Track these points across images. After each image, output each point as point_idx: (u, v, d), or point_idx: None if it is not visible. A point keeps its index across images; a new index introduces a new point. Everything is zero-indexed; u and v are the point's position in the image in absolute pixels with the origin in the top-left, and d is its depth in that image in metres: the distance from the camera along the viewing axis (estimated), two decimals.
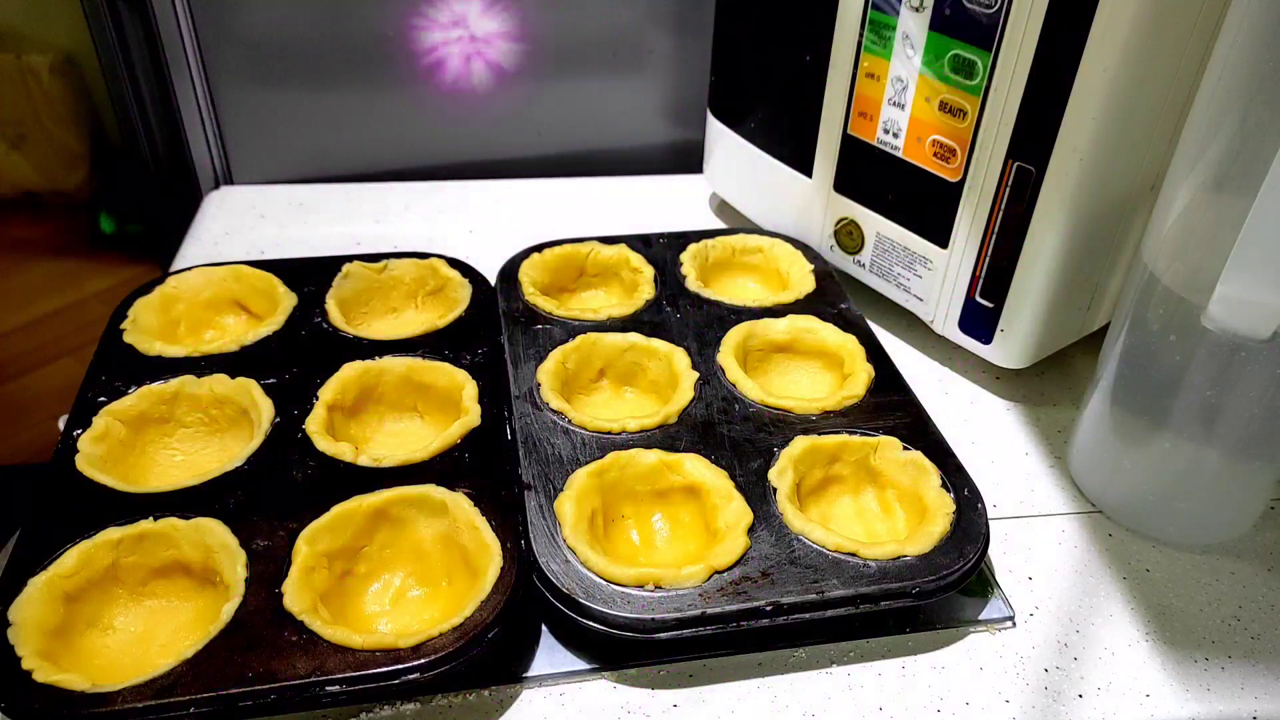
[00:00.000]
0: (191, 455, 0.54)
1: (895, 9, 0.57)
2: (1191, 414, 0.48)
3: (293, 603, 0.43)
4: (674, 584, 0.44)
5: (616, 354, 0.59)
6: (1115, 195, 0.55)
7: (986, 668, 0.47)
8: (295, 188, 0.84)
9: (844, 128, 0.64)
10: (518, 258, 0.67)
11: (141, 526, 0.46)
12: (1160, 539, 0.54)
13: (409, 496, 0.48)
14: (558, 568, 0.45)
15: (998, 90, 0.54)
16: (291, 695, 0.40)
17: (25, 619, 0.42)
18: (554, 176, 0.88)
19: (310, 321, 0.60)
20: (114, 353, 0.57)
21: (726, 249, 0.70)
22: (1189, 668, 0.47)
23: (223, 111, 0.82)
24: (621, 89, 0.87)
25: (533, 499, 0.48)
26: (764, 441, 0.53)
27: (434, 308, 0.65)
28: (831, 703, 0.45)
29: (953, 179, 0.58)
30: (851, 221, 0.67)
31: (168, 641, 0.44)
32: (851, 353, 0.59)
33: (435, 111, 0.85)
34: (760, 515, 0.48)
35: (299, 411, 0.53)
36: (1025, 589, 0.50)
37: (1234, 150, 0.43)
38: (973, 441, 0.60)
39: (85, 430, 0.51)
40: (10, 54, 1.39)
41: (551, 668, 0.45)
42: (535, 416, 0.54)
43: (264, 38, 0.79)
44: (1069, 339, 0.63)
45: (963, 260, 0.60)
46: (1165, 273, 0.47)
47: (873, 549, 0.46)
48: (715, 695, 0.45)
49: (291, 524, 0.46)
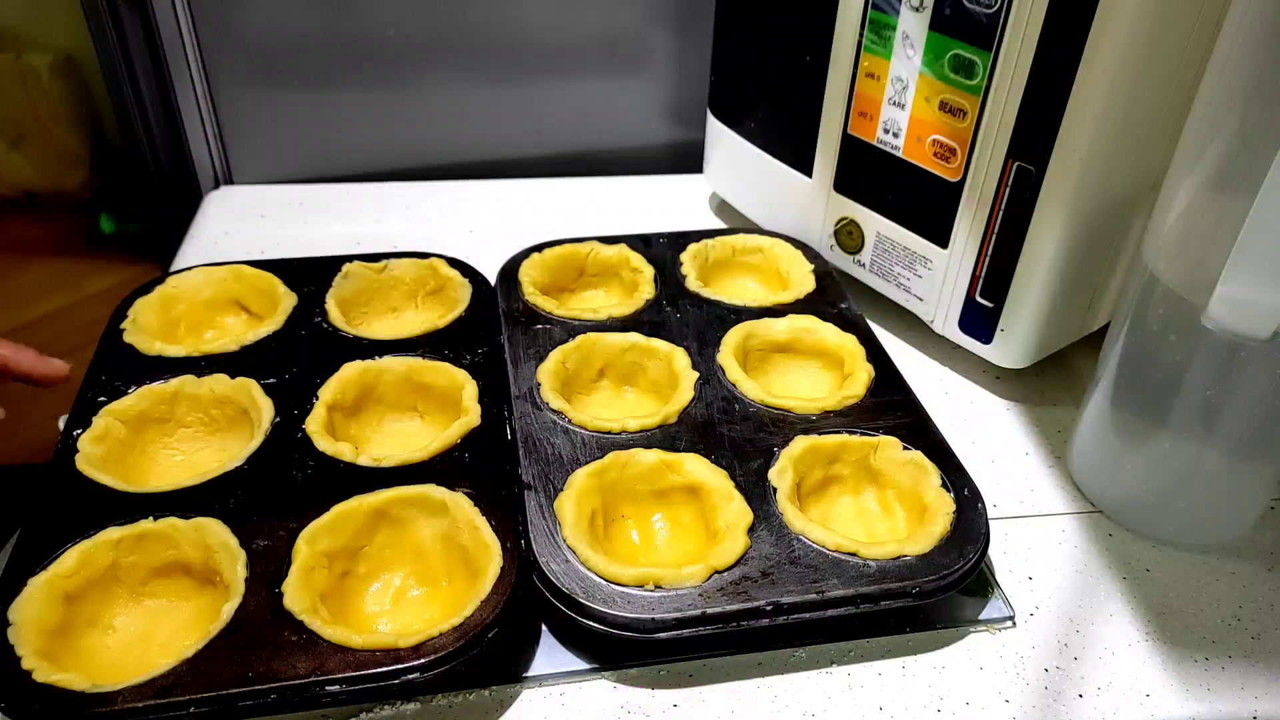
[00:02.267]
0: (191, 455, 0.54)
1: (895, 9, 0.57)
2: (1191, 414, 0.48)
3: (293, 603, 0.43)
4: (674, 584, 0.44)
5: (616, 354, 0.59)
6: (1115, 195, 0.55)
7: (986, 668, 0.47)
8: (295, 188, 0.84)
9: (844, 127, 0.64)
10: (518, 258, 0.67)
11: (141, 526, 0.46)
12: (1160, 539, 0.54)
13: (409, 496, 0.48)
14: (558, 567, 0.45)
15: (998, 90, 0.54)
16: (291, 695, 0.40)
17: (25, 619, 0.42)
18: (554, 176, 0.88)
19: (310, 321, 0.60)
20: (114, 353, 0.57)
21: (726, 249, 0.70)
22: (1189, 667, 0.47)
23: (223, 111, 0.82)
24: (621, 89, 0.87)
25: (533, 499, 0.48)
26: (764, 441, 0.53)
27: (434, 308, 0.65)
28: (831, 703, 0.45)
29: (953, 179, 0.58)
30: (851, 221, 0.67)
31: (168, 641, 0.44)
32: (851, 353, 0.59)
33: (435, 111, 0.85)
34: (760, 515, 0.48)
35: (299, 411, 0.53)
36: (1025, 589, 0.50)
37: (1234, 150, 0.43)
38: (973, 441, 0.60)
39: (85, 430, 0.51)
40: (10, 54, 1.39)
41: (551, 668, 0.45)
42: (535, 416, 0.54)
43: (264, 38, 0.79)
44: (1069, 339, 0.63)
45: (963, 260, 0.60)
46: (1165, 273, 0.47)
47: (873, 549, 0.46)
48: (715, 695, 0.45)
49: (291, 524, 0.46)
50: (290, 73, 0.81)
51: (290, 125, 0.83)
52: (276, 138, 0.84)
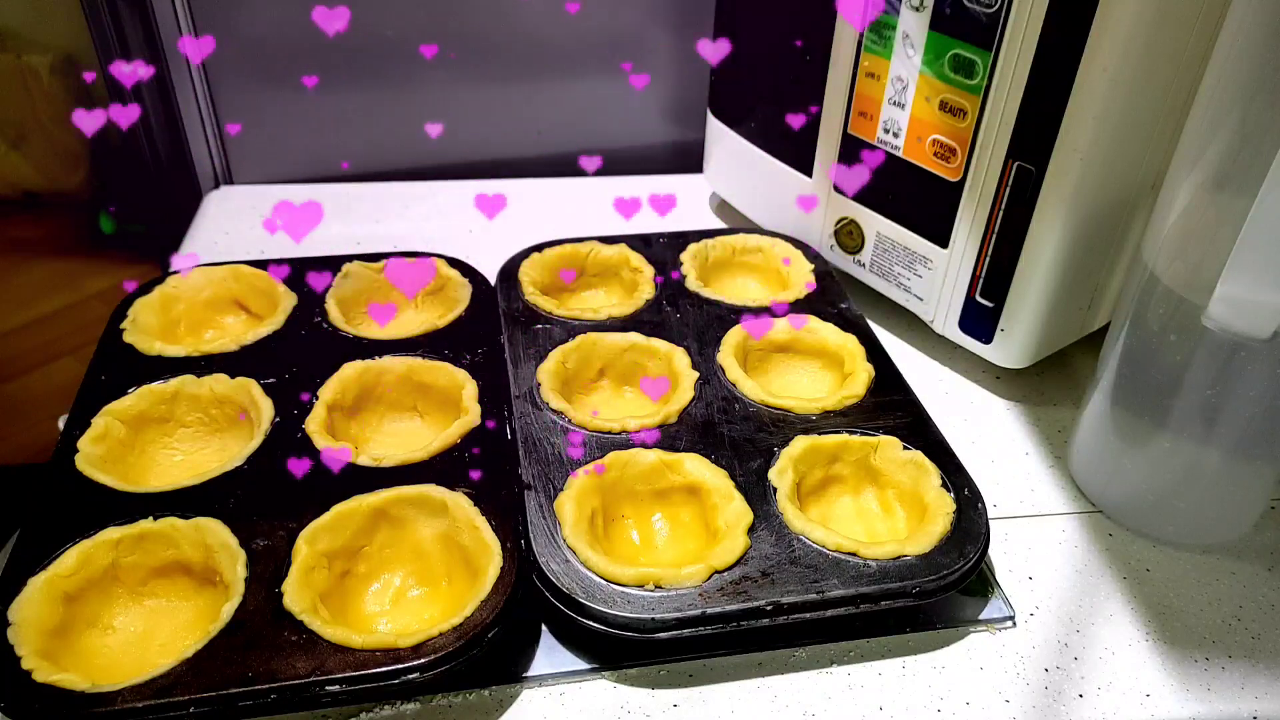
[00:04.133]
0: (191, 455, 0.54)
1: (895, 8, 0.57)
2: (1191, 414, 0.48)
3: (293, 602, 0.43)
4: (674, 584, 0.44)
5: (616, 354, 0.59)
6: (1115, 195, 0.55)
7: (986, 667, 0.46)
8: (295, 188, 0.84)
9: (844, 127, 0.64)
10: (518, 257, 0.67)
11: (141, 526, 0.46)
12: (1160, 539, 0.54)
13: (409, 496, 0.48)
14: (558, 567, 0.45)
15: (998, 90, 0.54)
16: (291, 695, 0.40)
17: (25, 619, 0.41)
18: (554, 176, 0.88)
19: (310, 321, 0.60)
20: (114, 353, 0.57)
21: (726, 249, 0.70)
22: (1189, 667, 0.47)
23: (223, 111, 0.82)
24: (621, 89, 0.87)
25: (533, 499, 0.48)
26: (764, 441, 0.53)
27: (434, 308, 0.65)
28: (831, 703, 0.45)
29: (953, 179, 0.58)
30: (851, 221, 0.67)
31: (168, 641, 0.44)
32: (851, 352, 0.59)
33: (435, 111, 0.85)
34: (760, 515, 0.48)
35: (299, 411, 0.53)
36: (1025, 589, 0.50)
37: (1234, 150, 0.43)
38: (973, 441, 0.60)
39: (85, 430, 0.51)
40: (10, 54, 1.39)
41: (551, 668, 0.45)
42: (535, 416, 0.54)
43: (264, 38, 0.79)
44: (1069, 339, 0.63)
45: (963, 260, 0.60)
46: (1165, 272, 0.47)
47: (873, 549, 0.46)
48: (715, 695, 0.45)
49: (291, 524, 0.46)
50: (290, 73, 0.81)
51: (290, 125, 0.83)
52: (276, 138, 0.84)
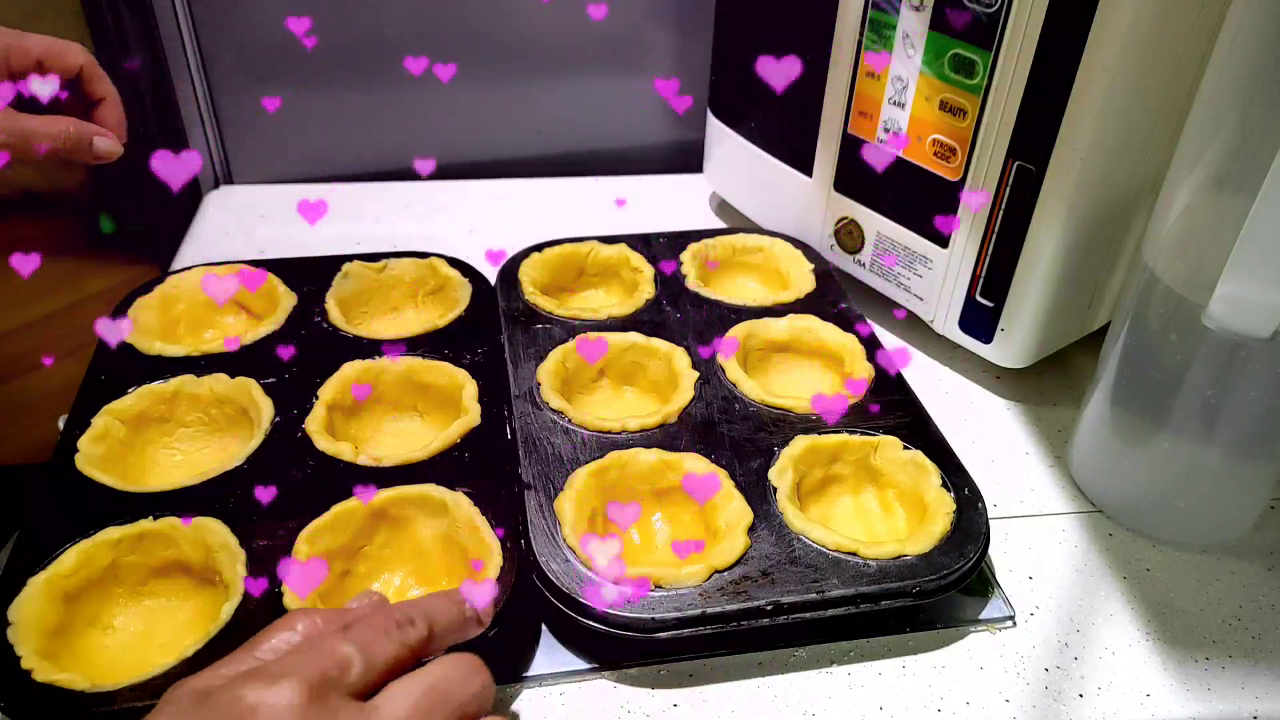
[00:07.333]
0: (191, 455, 0.54)
1: (895, 8, 0.57)
2: (1191, 413, 0.48)
3: (293, 602, 0.43)
4: (674, 583, 0.44)
5: (616, 353, 0.59)
6: (1115, 195, 0.55)
7: (986, 667, 0.46)
8: (295, 188, 0.84)
9: (844, 127, 0.64)
10: (518, 257, 0.67)
11: (141, 526, 0.46)
12: (1160, 539, 0.54)
13: (409, 496, 0.48)
14: (558, 567, 0.45)
15: (998, 90, 0.54)
16: None
17: (25, 619, 0.41)
18: (554, 176, 0.88)
19: (310, 321, 0.60)
20: (114, 353, 0.57)
21: (726, 249, 0.70)
22: (1189, 667, 0.47)
23: (223, 111, 0.82)
24: (621, 89, 0.87)
25: (533, 498, 0.48)
26: (764, 441, 0.53)
27: (434, 307, 0.65)
28: (831, 703, 0.45)
29: (953, 178, 0.58)
30: (852, 221, 0.67)
31: (168, 641, 0.44)
32: (851, 352, 0.59)
33: (435, 112, 0.85)
34: (760, 515, 0.48)
35: (299, 411, 0.53)
36: (1025, 588, 0.50)
37: (1234, 150, 0.43)
38: (973, 441, 0.60)
39: (85, 430, 0.51)
40: None
41: (551, 667, 0.45)
42: (535, 416, 0.53)
43: (264, 38, 0.79)
44: (1069, 338, 0.63)
45: (963, 260, 0.60)
46: (1165, 272, 0.47)
47: (873, 548, 0.46)
48: (715, 695, 0.45)
49: (291, 523, 0.46)
50: (290, 73, 0.81)
51: (290, 125, 0.83)
52: (276, 138, 0.84)
